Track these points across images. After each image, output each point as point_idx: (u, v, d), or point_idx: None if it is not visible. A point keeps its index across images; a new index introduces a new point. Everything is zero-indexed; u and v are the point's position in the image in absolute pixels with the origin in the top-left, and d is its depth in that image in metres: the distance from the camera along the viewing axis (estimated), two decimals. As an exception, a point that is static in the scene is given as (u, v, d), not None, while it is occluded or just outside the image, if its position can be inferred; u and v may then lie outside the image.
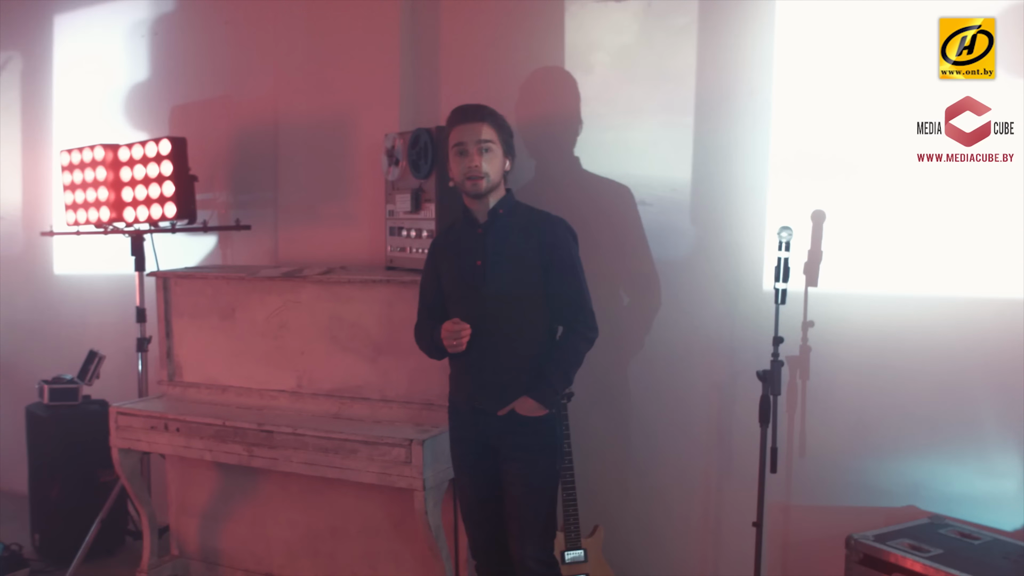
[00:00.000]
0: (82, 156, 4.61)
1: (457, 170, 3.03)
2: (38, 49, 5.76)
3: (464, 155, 3.00)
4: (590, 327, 3.08)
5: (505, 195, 3.11)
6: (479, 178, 2.99)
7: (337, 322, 3.85)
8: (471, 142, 2.99)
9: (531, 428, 3.03)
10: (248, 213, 4.74)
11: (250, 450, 3.73)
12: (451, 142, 3.04)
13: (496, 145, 3.02)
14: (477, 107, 3.05)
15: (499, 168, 3.05)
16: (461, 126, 3.01)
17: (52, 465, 4.68)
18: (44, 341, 5.74)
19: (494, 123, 3.03)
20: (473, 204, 3.09)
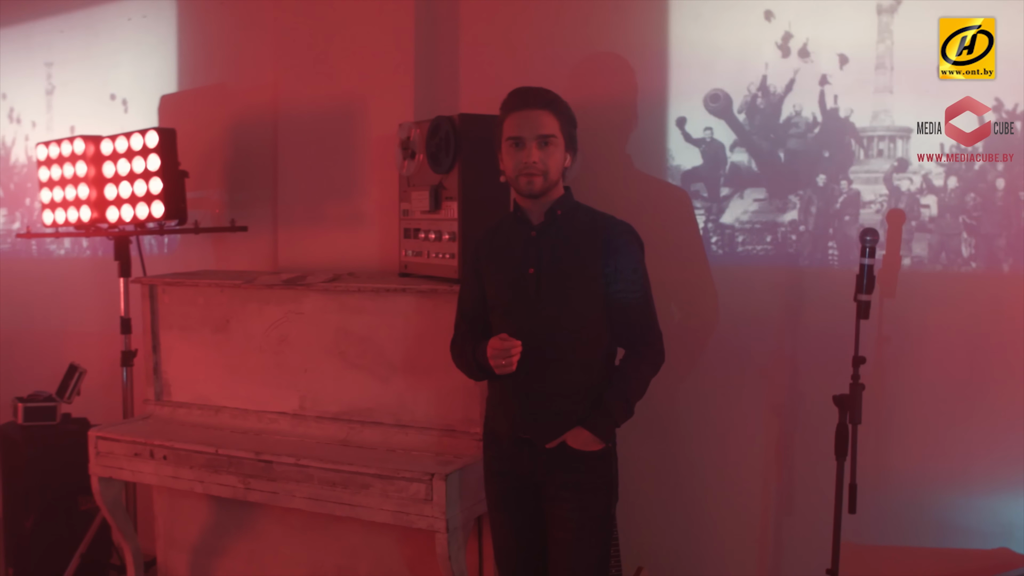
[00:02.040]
0: (60, 150, 4.16)
1: (511, 164, 2.60)
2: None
3: (520, 148, 2.57)
4: (657, 351, 2.67)
5: (564, 194, 2.67)
6: (536, 175, 2.56)
7: (345, 336, 3.40)
8: (529, 134, 2.56)
9: (584, 464, 2.60)
10: (245, 213, 4.30)
11: (246, 482, 3.28)
12: (505, 132, 2.61)
13: (558, 138, 2.59)
14: (539, 92, 2.62)
15: (559, 164, 2.61)
16: (519, 114, 2.58)
17: (27, 492, 4.22)
18: (22, 353, 5.29)
19: (557, 112, 2.60)
20: (526, 203, 2.65)
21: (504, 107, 2.63)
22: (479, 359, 2.62)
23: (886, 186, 3.05)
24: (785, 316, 3.20)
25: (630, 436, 3.32)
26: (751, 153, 3.25)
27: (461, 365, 2.78)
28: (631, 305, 2.63)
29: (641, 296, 2.65)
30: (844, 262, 3.09)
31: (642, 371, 2.65)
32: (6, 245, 5.43)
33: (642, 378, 2.66)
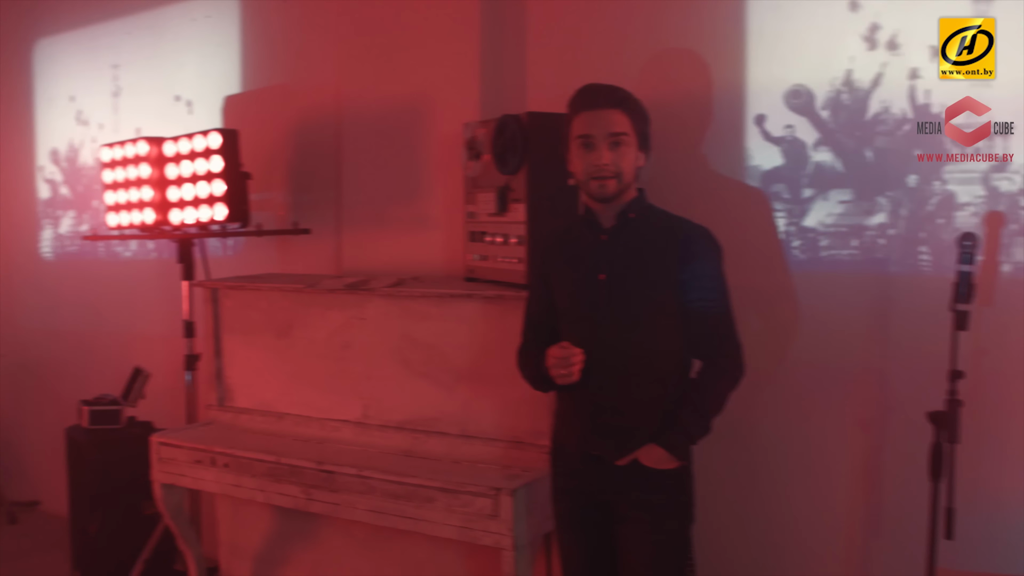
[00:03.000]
0: (124, 152, 4.13)
1: (581, 166, 2.47)
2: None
3: (590, 149, 2.44)
4: (735, 363, 2.52)
5: (637, 196, 2.53)
6: (608, 178, 2.43)
7: (409, 343, 3.30)
8: (600, 134, 2.42)
9: (657, 483, 2.46)
10: (309, 215, 4.23)
11: (308, 492, 3.19)
12: (574, 131, 2.47)
13: (630, 137, 2.45)
14: (610, 89, 2.48)
15: (632, 165, 2.48)
16: (588, 113, 2.45)
17: (92, 495, 4.20)
18: (90, 355, 5.31)
19: (629, 110, 2.46)
20: (597, 205, 2.52)
21: (572, 105, 2.50)
22: (542, 369, 2.49)
23: (983, 187, 2.84)
24: (873, 325, 3.01)
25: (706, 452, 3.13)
26: (836, 152, 3.06)
27: (526, 375, 2.66)
28: (709, 314, 2.48)
29: (720, 304, 2.51)
30: (937, 268, 2.89)
31: (720, 385, 2.51)
32: (74, 247, 5.44)
33: (720, 392, 2.51)
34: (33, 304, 5.73)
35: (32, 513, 5.56)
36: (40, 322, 5.66)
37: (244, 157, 3.92)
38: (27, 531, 5.29)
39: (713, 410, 2.49)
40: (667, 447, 2.43)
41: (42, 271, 5.67)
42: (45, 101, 5.55)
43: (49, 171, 5.56)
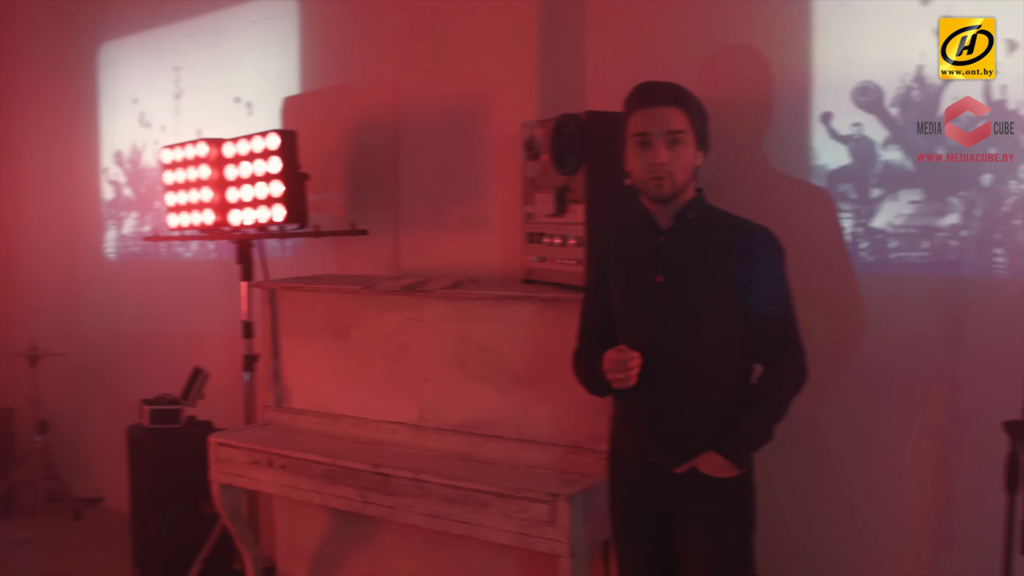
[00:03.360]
0: (184, 153, 4.16)
1: (637, 165, 2.41)
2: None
3: (647, 148, 2.38)
4: (798, 368, 2.43)
5: (695, 196, 2.47)
6: (665, 178, 2.37)
7: (466, 345, 3.26)
8: (657, 132, 2.37)
9: (717, 492, 2.39)
10: (366, 216, 4.22)
11: (364, 495, 3.17)
12: (631, 130, 2.42)
13: (688, 135, 2.39)
14: (667, 86, 2.42)
15: (690, 164, 2.41)
16: (645, 111, 2.39)
17: (152, 494, 4.24)
18: (152, 354, 5.37)
19: (687, 107, 2.40)
20: (654, 206, 2.46)
21: (628, 103, 2.44)
22: (598, 372, 2.44)
23: (1063, 186, 2.72)
24: (944, 330, 2.90)
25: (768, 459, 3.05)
26: (906, 151, 2.95)
27: (582, 379, 2.60)
28: (771, 318, 2.41)
29: (782, 307, 2.43)
30: (1014, 271, 2.78)
31: (782, 391, 2.43)
32: (137, 248, 5.51)
33: (782, 399, 2.43)
34: (97, 304, 5.82)
35: (96, 509, 5.64)
36: (104, 321, 5.75)
37: (302, 158, 3.92)
38: (90, 527, 5.37)
39: (775, 417, 2.41)
40: (727, 455, 2.36)
41: (106, 271, 5.75)
42: (109, 103, 5.63)
43: (113, 173, 5.64)
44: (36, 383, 5.56)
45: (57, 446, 5.81)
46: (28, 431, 5.64)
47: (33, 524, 5.44)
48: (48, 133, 6.07)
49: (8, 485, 5.56)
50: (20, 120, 6.26)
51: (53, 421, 5.77)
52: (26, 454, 5.63)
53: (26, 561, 4.78)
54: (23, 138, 6.24)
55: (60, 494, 5.66)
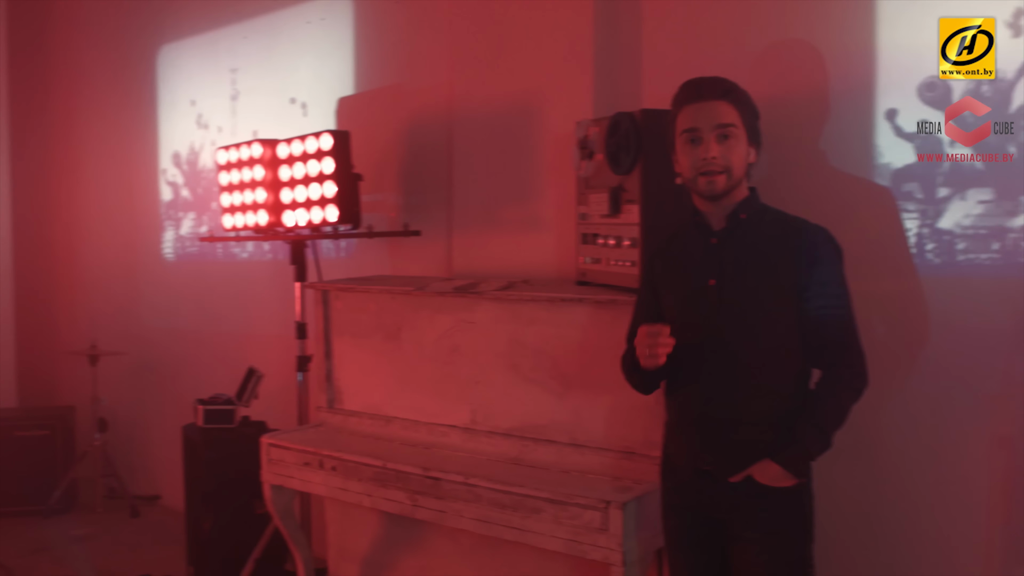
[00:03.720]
0: (239, 154, 4.17)
1: (687, 163, 2.34)
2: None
3: (697, 143, 2.31)
4: (858, 373, 2.34)
5: (748, 196, 2.40)
6: (717, 173, 2.30)
7: (518, 347, 3.21)
8: (707, 127, 2.30)
9: (774, 502, 2.31)
10: (420, 216, 4.19)
11: (414, 499, 3.14)
12: (679, 127, 2.36)
13: (739, 130, 2.32)
14: (714, 80, 2.36)
15: (742, 159, 2.34)
16: (693, 106, 2.33)
17: (205, 494, 4.26)
18: (209, 354, 5.41)
19: (736, 101, 2.33)
20: (706, 206, 2.39)
21: (676, 100, 2.39)
22: (634, 357, 2.37)
23: None
24: (1015, 334, 2.77)
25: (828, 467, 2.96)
26: (975, 148, 2.84)
27: (631, 381, 2.55)
28: (829, 322, 2.32)
29: (841, 311, 2.34)
30: (1090, 273, 2.66)
31: (841, 397, 2.34)
32: (194, 248, 5.55)
33: (841, 405, 2.34)
34: (156, 304, 5.88)
35: (153, 507, 5.70)
36: (162, 321, 5.81)
37: (356, 158, 3.91)
38: (148, 524, 5.43)
39: (834, 424, 2.33)
40: (783, 463, 2.28)
41: (164, 272, 5.82)
42: (168, 105, 5.69)
43: (171, 174, 5.70)
44: (96, 382, 5.64)
45: (116, 444, 5.89)
46: (88, 429, 5.72)
47: (92, 520, 5.52)
48: (109, 135, 6.16)
49: (68, 482, 5.63)
50: (83, 123, 6.37)
51: (113, 419, 5.85)
52: (86, 451, 5.71)
53: (84, 557, 4.84)
54: (86, 140, 6.35)
55: (119, 491, 5.73)
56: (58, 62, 6.60)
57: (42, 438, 5.67)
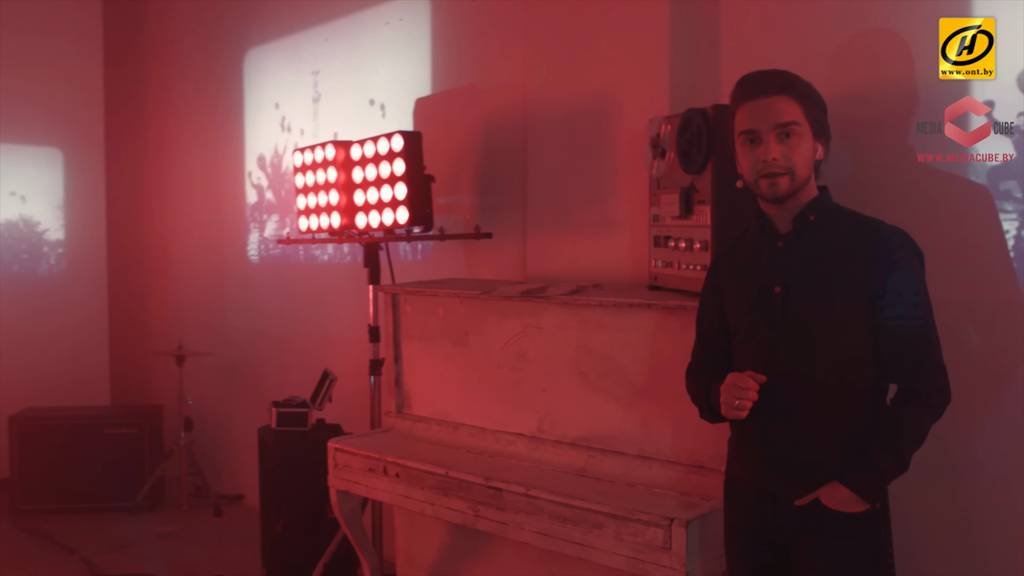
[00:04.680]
0: (314, 155, 4.15)
1: (747, 165, 2.19)
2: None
3: (756, 144, 2.16)
4: (938, 389, 2.15)
5: (817, 196, 2.23)
6: (779, 175, 2.14)
7: (585, 354, 3.09)
8: (766, 126, 2.14)
9: (843, 528, 2.13)
10: (494, 218, 4.11)
11: (476, 509, 3.04)
12: (737, 128, 2.21)
13: (803, 126, 2.15)
14: (771, 74, 2.19)
15: (808, 158, 2.17)
16: (750, 104, 2.18)
17: (278, 497, 4.25)
18: (290, 356, 5.42)
19: (798, 95, 2.17)
20: (772, 208, 2.23)
21: (733, 98, 2.23)
22: (712, 398, 2.22)
23: None
24: None
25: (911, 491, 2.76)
26: (1083, 143, 2.61)
27: (694, 399, 2.40)
28: (906, 333, 2.13)
29: (919, 321, 2.14)
30: None
31: (918, 415, 2.14)
32: (277, 250, 5.58)
33: (918, 424, 2.14)
34: (241, 305, 5.94)
35: (236, 507, 5.74)
36: (247, 322, 5.86)
37: (432, 160, 3.84)
38: (229, 524, 5.46)
39: (910, 444, 2.13)
40: (853, 487, 2.11)
41: (249, 273, 5.86)
42: (254, 108, 5.73)
43: (256, 176, 5.74)
44: (182, 382, 5.71)
45: (203, 443, 5.97)
46: (176, 428, 5.80)
47: (176, 519, 5.59)
48: (199, 138, 6.25)
49: (155, 480, 5.72)
50: (175, 127, 6.48)
51: (200, 419, 5.93)
52: (172, 450, 5.79)
53: (162, 555, 4.89)
54: (178, 144, 6.46)
55: (204, 490, 5.79)
56: (152, 67, 6.74)
57: (130, 436, 5.78)
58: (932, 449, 2.72)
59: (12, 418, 5.72)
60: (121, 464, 5.73)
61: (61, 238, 6.47)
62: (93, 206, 6.54)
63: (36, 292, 6.32)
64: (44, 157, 6.37)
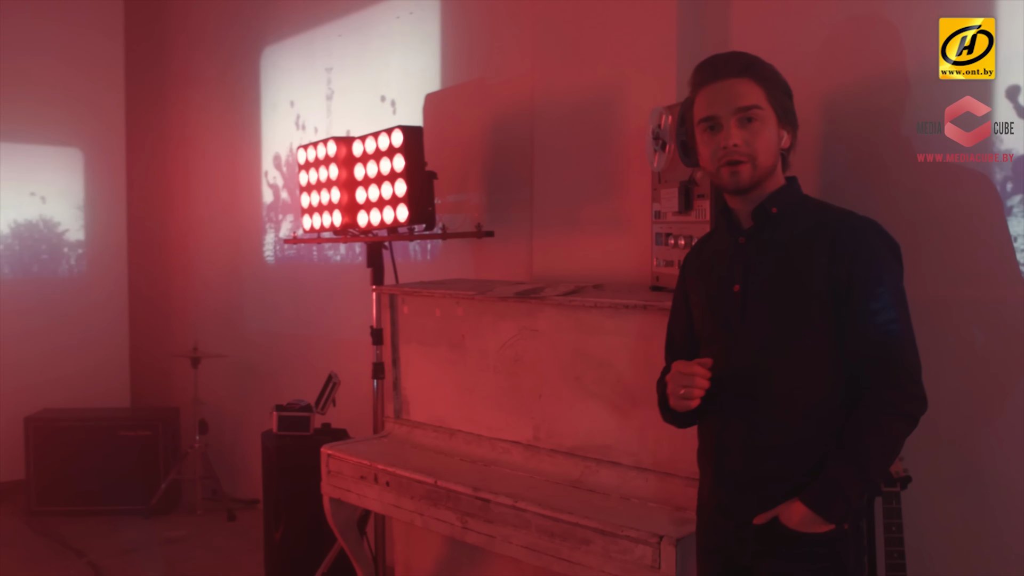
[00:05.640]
0: (316, 152, 4.03)
1: (707, 153, 2.01)
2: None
3: (716, 131, 1.98)
4: (909, 395, 1.92)
5: (782, 187, 2.04)
6: (740, 162, 1.95)
7: (582, 358, 2.93)
8: (725, 111, 1.96)
9: (805, 551, 1.93)
10: (501, 217, 3.96)
11: (464, 520, 2.89)
12: (696, 115, 2.03)
13: (765, 111, 1.97)
14: (729, 56, 2.03)
15: (771, 145, 1.99)
16: (708, 88, 2.01)
17: (277, 504, 4.13)
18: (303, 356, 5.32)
19: (758, 76, 1.99)
20: (735, 202, 2.05)
21: (692, 84, 2.06)
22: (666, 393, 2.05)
23: None
24: None
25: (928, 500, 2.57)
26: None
27: (660, 408, 2.22)
28: (872, 334, 1.91)
29: (888, 321, 1.91)
30: None
31: (885, 425, 1.91)
32: (292, 251, 5.48)
33: (884, 435, 1.91)
34: (256, 306, 5.85)
35: (251, 512, 5.64)
36: (262, 324, 5.77)
37: (441, 156, 3.73)
38: (241, 529, 5.36)
39: (875, 458, 1.91)
40: (811, 504, 1.90)
41: (264, 274, 5.77)
42: (270, 107, 5.64)
43: (272, 176, 5.65)
44: (197, 384, 5.64)
45: (220, 446, 5.89)
46: (192, 431, 5.72)
47: (189, 523, 5.50)
48: (217, 138, 6.18)
49: (170, 483, 5.65)
50: (194, 126, 6.43)
51: (217, 421, 5.85)
52: (186, 453, 5.71)
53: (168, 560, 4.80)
54: (197, 144, 6.40)
55: (220, 494, 5.71)
56: (172, 67, 6.68)
57: (145, 439, 5.71)
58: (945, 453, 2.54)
59: (28, 419, 5.68)
60: (136, 467, 5.66)
61: (81, 239, 6.43)
62: (113, 207, 6.49)
63: (56, 293, 6.29)
64: (64, 158, 6.34)
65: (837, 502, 1.90)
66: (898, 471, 2.51)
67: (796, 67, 2.35)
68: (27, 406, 5.82)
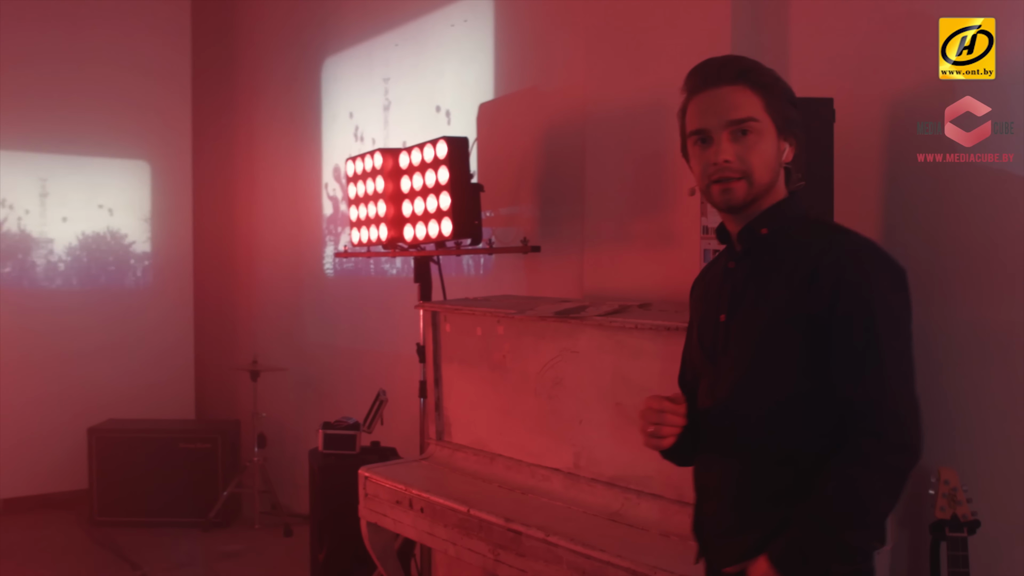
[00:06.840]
0: (364, 165, 3.94)
1: (699, 169, 1.79)
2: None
3: (708, 144, 1.76)
4: (889, 445, 1.63)
5: (780, 203, 1.79)
6: (732, 179, 1.73)
7: (623, 383, 2.76)
8: (717, 123, 1.74)
9: None
10: (553, 230, 3.82)
11: (496, 552, 2.74)
12: (687, 127, 1.81)
13: (762, 122, 1.73)
14: (724, 61, 1.79)
15: (769, 160, 1.75)
16: (699, 97, 1.78)
17: (321, 525, 4.03)
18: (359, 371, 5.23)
19: (756, 84, 1.75)
20: (731, 222, 1.84)
21: (684, 91, 1.82)
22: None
23: None
24: None
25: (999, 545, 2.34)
26: None
27: None
28: (853, 373, 1.65)
29: (873, 356, 1.65)
30: None
31: (860, 478, 1.63)
32: (350, 264, 5.41)
33: (854, 488, 1.63)
34: (316, 320, 5.80)
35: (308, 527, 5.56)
36: (321, 337, 5.71)
37: (494, 168, 3.63)
38: (297, 545, 5.27)
39: (846, 515, 1.64)
40: (774, 561, 1.67)
41: (324, 287, 5.72)
42: (330, 118, 5.59)
43: (332, 188, 5.59)
44: (256, 397, 5.60)
45: (280, 460, 5.84)
46: (252, 444, 5.68)
47: (247, 537, 5.46)
48: (280, 150, 6.17)
49: (229, 496, 5.62)
50: (259, 139, 6.43)
51: (277, 435, 5.80)
52: (245, 466, 5.68)
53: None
54: (261, 155, 6.40)
55: (278, 508, 5.66)
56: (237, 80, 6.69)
57: (205, 451, 5.69)
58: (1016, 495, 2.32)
59: (91, 429, 5.72)
60: (196, 479, 5.65)
61: (148, 251, 6.47)
62: (180, 218, 6.53)
63: (122, 304, 6.34)
64: (132, 170, 6.39)
65: (797, 562, 1.66)
66: (965, 514, 2.30)
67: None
68: (92, 416, 5.86)
